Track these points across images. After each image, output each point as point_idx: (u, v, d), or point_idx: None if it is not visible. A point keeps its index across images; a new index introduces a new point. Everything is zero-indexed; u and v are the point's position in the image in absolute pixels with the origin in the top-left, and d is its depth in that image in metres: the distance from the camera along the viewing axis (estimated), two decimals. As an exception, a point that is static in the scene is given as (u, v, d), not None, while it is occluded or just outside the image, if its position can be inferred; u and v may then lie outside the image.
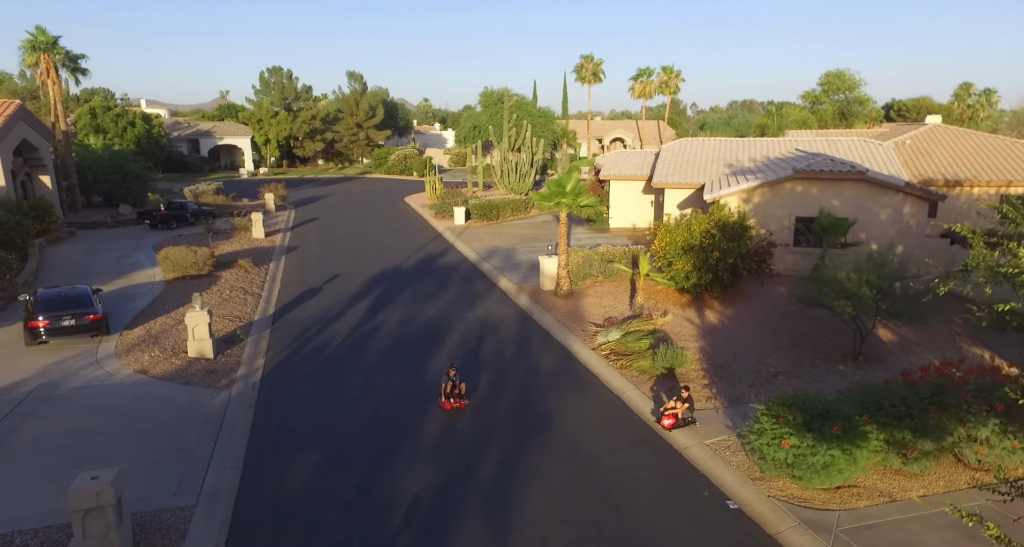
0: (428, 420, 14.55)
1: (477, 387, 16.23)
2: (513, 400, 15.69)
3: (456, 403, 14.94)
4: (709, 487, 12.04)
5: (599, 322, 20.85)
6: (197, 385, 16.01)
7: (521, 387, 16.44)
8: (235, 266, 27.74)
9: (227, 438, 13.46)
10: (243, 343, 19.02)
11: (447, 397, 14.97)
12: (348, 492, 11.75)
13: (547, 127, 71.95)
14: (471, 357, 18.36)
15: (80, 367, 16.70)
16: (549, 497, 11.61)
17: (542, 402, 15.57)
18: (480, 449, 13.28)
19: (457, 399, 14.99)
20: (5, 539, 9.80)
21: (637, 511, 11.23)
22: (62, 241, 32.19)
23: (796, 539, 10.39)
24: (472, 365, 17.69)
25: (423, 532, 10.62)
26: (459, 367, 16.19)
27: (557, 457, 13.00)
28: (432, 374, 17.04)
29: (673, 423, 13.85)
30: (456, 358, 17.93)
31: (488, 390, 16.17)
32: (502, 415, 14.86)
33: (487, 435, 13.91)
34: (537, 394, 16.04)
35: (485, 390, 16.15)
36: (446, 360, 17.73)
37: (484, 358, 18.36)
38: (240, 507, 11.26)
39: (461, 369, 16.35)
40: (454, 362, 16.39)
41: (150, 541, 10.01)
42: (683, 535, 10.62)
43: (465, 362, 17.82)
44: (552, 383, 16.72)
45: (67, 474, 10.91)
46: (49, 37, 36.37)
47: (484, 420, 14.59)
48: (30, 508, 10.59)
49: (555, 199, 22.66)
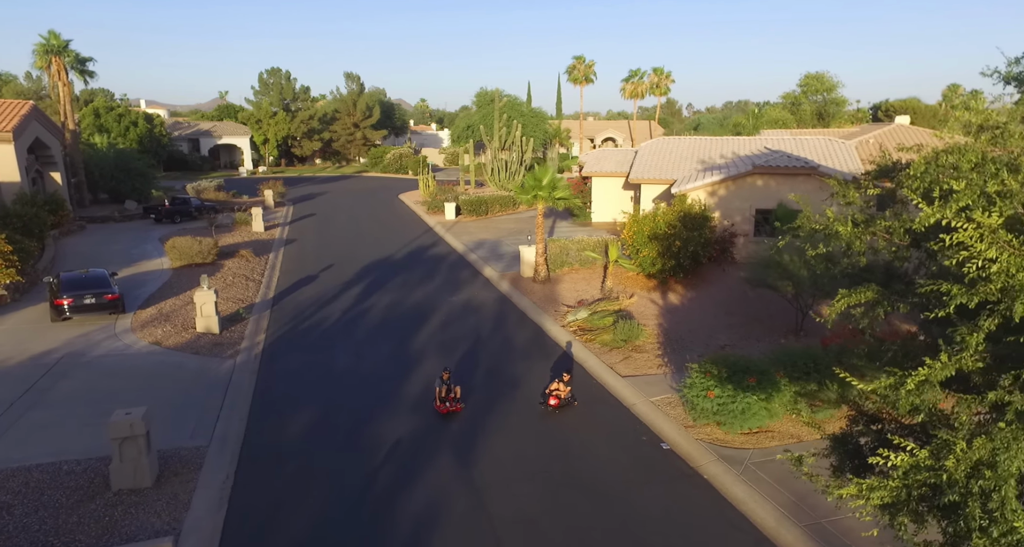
0: (410, 383, 16.53)
1: (456, 357, 18.23)
2: (487, 366, 17.70)
3: (452, 407, 14.65)
4: (648, 433, 14.05)
5: (571, 303, 22.85)
6: (205, 355, 17.99)
7: (495, 356, 18.45)
8: (237, 256, 29.71)
9: (233, 396, 15.43)
10: (245, 321, 20.99)
11: (442, 401, 14.69)
12: (339, 437, 13.73)
13: (539, 127, 73.91)
14: (452, 333, 20.37)
15: (101, 339, 18.68)
16: (510, 443, 13.60)
17: (512, 368, 17.58)
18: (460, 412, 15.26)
19: (452, 403, 14.72)
20: (55, 466, 11.78)
21: (584, 452, 13.22)
22: (73, 234, 34.14)
23: (712, 470, 12.39)
24: (453, 339, 19.69)
25: (401, 466, 12.60)
26: (449, 366, 17.52)
27: (520, 412, 14.99)
28: (416, 348, 19.04)
29: (557, 403, 14.72)
30: (438, 335, 19.93)
31: (465, 359, 18.17)
32: (477, 379, 16.84)
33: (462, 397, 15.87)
34: (508, 362, 18.05)
35: (463, 359, 18.14)
36: (430, 336, 19.74)
37: (464, 334, 20.35)
38: (246, 447, 13.24)
39: (442, 346, 18.33)
40: (448, 366, 16.05)
41: (173, 470, 11.98)
42: (621, 468, 12.61)
43: (446, 338, 19.84)
44: (523, 353, 18.73)
45: (99, 421, 12.89)
46: (61, 41, 38.35)
47: (459, 382, 16.55)
48: (71, 445, 12.56)
49: (532, 192, 24.67)
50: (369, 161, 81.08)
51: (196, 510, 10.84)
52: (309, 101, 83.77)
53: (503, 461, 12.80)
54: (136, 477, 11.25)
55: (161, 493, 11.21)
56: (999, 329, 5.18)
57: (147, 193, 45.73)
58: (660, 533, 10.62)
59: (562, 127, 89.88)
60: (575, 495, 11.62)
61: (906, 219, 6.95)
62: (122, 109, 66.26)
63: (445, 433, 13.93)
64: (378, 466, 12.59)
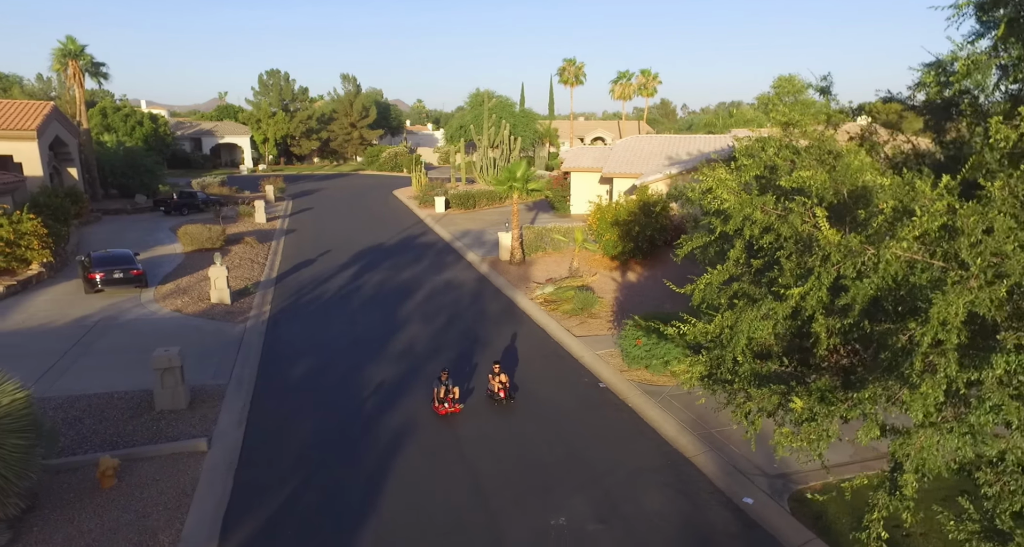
0: (395, 341, 19.51)
1: (437, 325, 21.21)
2: (462, 329, 20.68)
3: (451, 408, 14.50)
4: (590, 377, 17.05)
5: (541, 281, 25.83)
6: (220, 320, 20.94)
7: (470, 322, 21.44)
8: (242, 243, 32.65)
9: (246, 351, 18.38)
10: (253, 295, 23.94)
11: (440, 402, 14.51)
12: (333, 379, 16.70)
13: (528, 126, 76.92)
14: (435, 305, 23.35)
15: (129, 307, 21.62)
16: (475, 384, 16.58)
17: (483, 330, 20.57)
18: (430, 358, 18.23)
19: (452, 403, 14.56)
20: (108, 395, 14.73)
21: (536, 390, 16.19)
22: (91, 224, 37.06)
23: (636, 400, 15.38)
24: (435, 310, 22.68)
25: (384, 399, 15.56)
26: (432, 332, 20.95)
27: (486, 362, 17.94)
28: (402, 316, 22.02)
29: (505, 394, 15.18)
30: (422, 307, 22.91)
31: (445, 325, 21.15)
32: (452, 338, 19.82)
33: (436, 351, 18.86)
34: (481, 326, 21.04)
35: (443, 325, 21.13)
36: (415, 307, 22.72)
37: (445, 305, 23.33)
38: (258, 386, 16.20)
39: (424, 315, 21.30)
40: (447, 367, 15.66)
41: (201, 399, 14.92)
42: (564, 402, 15.57)
43: (429, 309, 22.83)
44: (494, 320, 21.73)
45: (137, 366, 15.87)
46: (78, 46, 41.25)
47: (436, 342, 19.56)
48: (119, 382, 15.50)
49: (507, 183, 27.67)
50: (365, 160, 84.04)
51: (222, 424, 13.80)
52: (307, 101, 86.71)
53: (468, 399, 15.76)
54: (174, 400, 14.21)
55: (194, 413, 14.17)
56: (747, 249, 8.18)
57: (154, 188, 48.61)
58: (586, 440, 13.61)
59: (553, 127, 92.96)
60: (524, 420, 14.60)
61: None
62: (128, 109, 69.11)
63: (421, 376, 16.89)
64: (364, 399, 15.56)
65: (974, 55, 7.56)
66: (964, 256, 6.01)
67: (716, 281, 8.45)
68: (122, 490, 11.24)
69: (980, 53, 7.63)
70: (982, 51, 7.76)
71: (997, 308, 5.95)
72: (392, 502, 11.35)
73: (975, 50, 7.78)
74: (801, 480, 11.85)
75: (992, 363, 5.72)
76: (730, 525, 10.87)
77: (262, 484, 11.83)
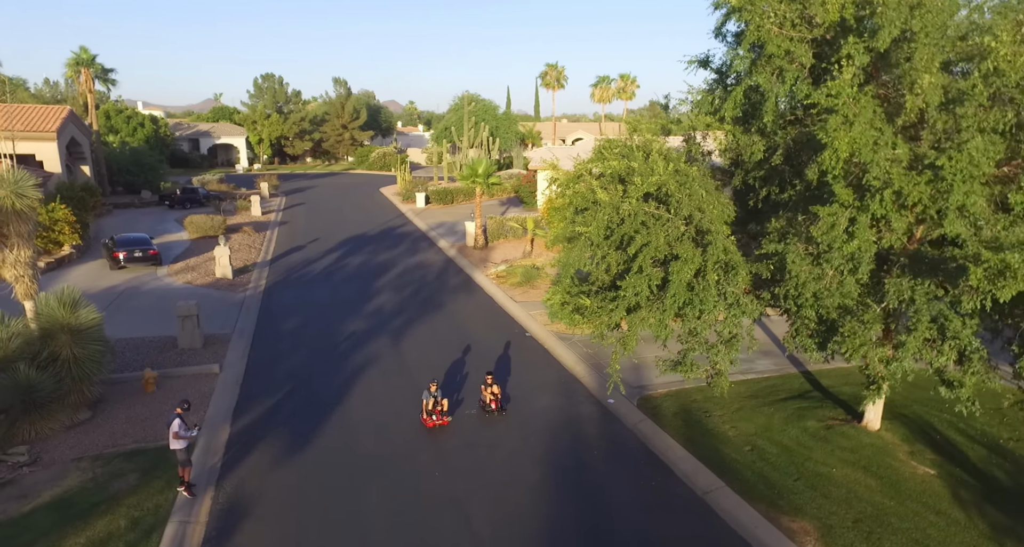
0: (367, 305, 23.89)
1: (405, 295, 25.61)
2: (426, 298, 25.09)
3: (439, 420, 14.27)
4: (520, 329, 21.49)
5: (498, 262, 30.26)
6: (224, 290, 25.28)
7: (432, 293, 25.85)
8: (241, 232, 36.95)
9: (246, 311, 22.73)
10: (251, 272, 28.28)
11: (428, 414, 14.29)
12: (318, 329, 21.07)
13: (510, 129, 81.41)
14: (405, 280, 27.75)
15: (148, 280, 25.96)
16: (428, 331, 20.99)
17: (444, 300, 24.98)
18: (396, 315, 22.63)
19: (440, 416, 14.32)
20: (141, 339, 19.07)
21: (476, 338, 20.60)
22: (104, 215, 41.28)
23: (551, 343, 19.81)
24: (405, 283, 27.10)
25: (354, 342, 19.93)
26: (399, 300, 25.39)
27: (443, 319, 22.37)
28: (376, 287, 26.40)
29: (497, 405, 15.06)
30: (394, 281, 27.30)
31: (412, 295, 25.54)
32: (416, 303, 24.22)
33: (403, 312, 23.25)
34: (441, 296, 25.45)
35: (409, 294, 25.52)
36: (388, 281, 27.10)
37: (414, 280, 27.74)
38: (256, 334, 20.55)
39: (396, 288, 25.66)
40: (436, 378, 15.20)
41: (212, 342, 19.24)
42: (494, 345, 19.99)
43: (400, 283, 27.23)
44: (452, 291, 26.16)
45: (161, 320, 20.23)
46: (90, 55, 45.48)
47: (402, 306, 23.95)
48: (147, 331, 19.82)
49: (471, 178, 32.08)
50: (356, 159, 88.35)
51: (229, 357, 18.16)
52: (300, 104, 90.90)
53: (422, 341, 20.17)
54: (192, 341, 18.56)
55: (207, 350, 18.53)
56: (576, 212, 12.61)
57: (157, 185, 52.77)
58: (505, 365, 18.02)
59: (536, 129, 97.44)
60: (459, 357, 19.01)
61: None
62: (130, 112, 73.23)
63: (387, 328, 21.27)
64: (339, 342, 19.96)
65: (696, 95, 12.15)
66: (672, 205, 10.49)
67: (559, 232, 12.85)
68: (160, 394, 15.61)
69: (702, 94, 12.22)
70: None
71: (677, 242, 10.44)
72: (354, 401, 15.74)
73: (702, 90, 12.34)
74: (650, 390, 16.29)
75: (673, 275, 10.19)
76: (594, 414, 15.32)
77: (259, 393, 16.20)
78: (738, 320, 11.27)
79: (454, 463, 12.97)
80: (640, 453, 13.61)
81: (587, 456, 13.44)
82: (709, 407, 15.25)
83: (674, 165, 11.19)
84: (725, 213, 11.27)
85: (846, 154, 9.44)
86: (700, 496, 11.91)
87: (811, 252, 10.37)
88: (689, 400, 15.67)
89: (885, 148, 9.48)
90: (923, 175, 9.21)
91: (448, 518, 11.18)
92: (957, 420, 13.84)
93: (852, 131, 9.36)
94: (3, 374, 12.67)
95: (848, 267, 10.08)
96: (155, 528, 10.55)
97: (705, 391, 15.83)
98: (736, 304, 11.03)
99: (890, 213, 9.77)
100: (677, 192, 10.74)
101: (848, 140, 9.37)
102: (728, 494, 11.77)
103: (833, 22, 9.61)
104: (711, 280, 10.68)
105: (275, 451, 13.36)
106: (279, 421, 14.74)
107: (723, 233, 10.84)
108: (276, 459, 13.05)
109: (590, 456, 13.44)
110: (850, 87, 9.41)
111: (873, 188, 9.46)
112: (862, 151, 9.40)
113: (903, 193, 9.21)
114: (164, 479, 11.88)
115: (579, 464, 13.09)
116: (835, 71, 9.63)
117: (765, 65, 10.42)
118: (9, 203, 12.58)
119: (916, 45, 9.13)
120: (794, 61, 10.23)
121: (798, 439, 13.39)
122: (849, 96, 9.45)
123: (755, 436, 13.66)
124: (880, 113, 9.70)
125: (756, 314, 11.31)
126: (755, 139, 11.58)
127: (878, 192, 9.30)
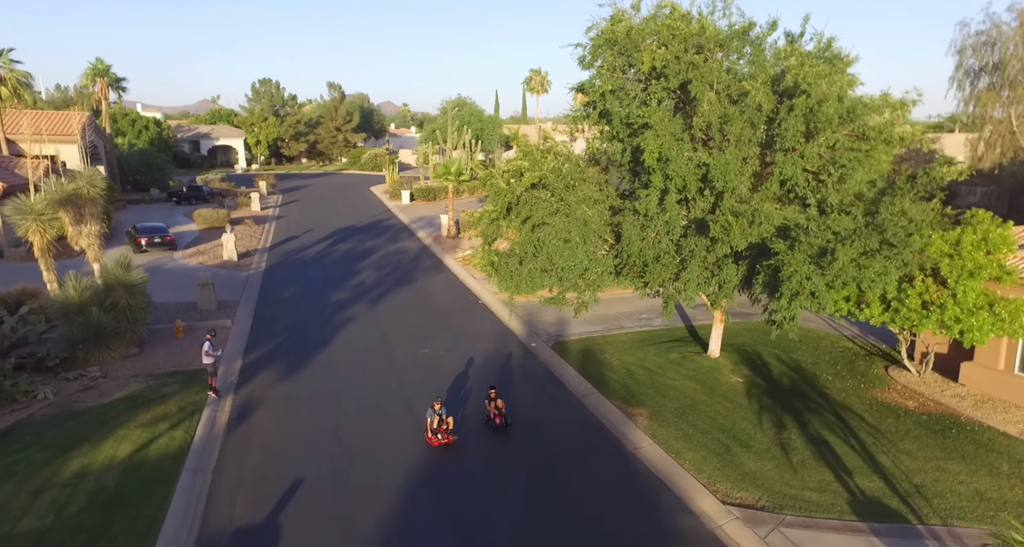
0: (351, 280, 28.75)
1: (383, 273, 30.47)
2: (401, 277, 29.97)
3: (444, 439, 13.97)
4: (474, 297, 26.38)
5: (467, 249, 35.12)
6: (231, 269, 30.10)
7: (407, 272, 30.73)
8: (242, 224, 41.77)
9: (250, 285, 27.56)
10: (253, 256, 33.10)
11: (434, 433, 13.98)
12: (310, 296, 25.93)
13: (495, 131, 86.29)
14: (385, 262, 32.61)
15: (167, 261, 30.79)
16: (400, 297, 25.86)
17: (416, 277, 29.86)
18: (376, 289, 27.48)
19: (445, 435, 14.03)
20: (167, 303, 23.85)
21: (436, 303, 25.46)
22: (120, 210, 45.99)
23: (496, 307, 24.67)
24: (384, 265, 31.97)
25: (342, 307, 24.78)
26: (377, 279, 30.24)
27: (414, 292, 27.22)
28: (359, 267, 31.25)
29: (500, 421, 14.82)
30: (375, 263, 32.17)
31: (389, 273, 30.41)
32: (392, 279, 29.08)
33: (381, 285, 28.11)
34: (414, 274, 30.33)
35: (388, 273, 30.38)
36: (370, 263, 31.98)
37: (392, 262, 32.62)
38: (259, 300, 25.40)
39: (376, 268, 30.51)
40: (440, 396, 14.84)
41: (224, 306, 24.05)
42: (449, 308, 24.84)
43: (380, 265, 32.10)
44: (423, 270, 31.05)
45: (180, 290, 25.04)
46: (105, 65, 50.23)
47: (381, 282, 28.80)
48: (171, 298, 24.61)
49: (444, 176, 36.95)
50: (349, 160, 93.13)
51: (239, 315, 23.00)
52: (296, 107, 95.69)
53: (394, 303, 25.05)
54: (208, 303, 23.38)
55: (221, 311, 23.36)
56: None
57: (166, 184, 57.52)
58: (458, 323, 22.89)
59: (523, 133, 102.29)
60: (422, 316, 23.87)
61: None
62: (135, 115, 77.89)
63: (366, 296, 26.12)
64: (326, 306, 24.82)
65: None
66: (550, 190, 15.39)
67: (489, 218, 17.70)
68: (188, 339, 20.44)
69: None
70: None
71: (581, 229, 15.33)
72: (338, 344, 20.58)
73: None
74: (565, 338, 21.17)
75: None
76: (519, 353, 20.21)
77: (263, 338, 21.04)
78: (598, 269, 16.14)
79: (407, 376, 17.83)
80: (545, 376, 18.49)
81: (507, 377, 18.30)
82: (605, 348, 20.15)
83: (554, 162, 16.09)
84: (591, 196, 16.14)
85: (656, 154, 14.35)
86: (579, 398, 16.81)
87: (642, 223, 15.28)
88: (592, 344, 20.58)
89: (683, 151, 14.40)
90: (700, 170, 14.14)
91: (390, 396, 16.05)
92: (779, 351, 18.80)
93: (660, 140, 14.27)
94: (81, 315, 17.48)
95: (665, 231, 14.99)
96: (195, 412, 15.39)
97: (608, 337, 20.84)
98: (595, 259, 15.91)
99: (694, 194, 14.71)
100: (554, 182, 15.63)
101: (657, 145, 14.28)
102: (599, 397, 16.65)
103: (646, 70, 14.53)
104: (576, 241, 15.57)
105: (276, 374, 18.21)
106: (279, 356, 19.58)
107: (585, 210, 15.71)
108: (277, 378, 17.91)
109: (509, 377, 18.31)
110: (658, 112, 14.32)
111: (672, 178, 14.38)
112: (667, 153, 14.31)
113: (687, 182, 14.16)
114: (197, 388, 16.71)
115: (501, 383, 17.93)
116: (651, 101, 14.56)
117: (609, 95, 15.33)
118: (85, 191, 17.39)
119: (693, 87, 14.07)
120: (628, 93, 15.15)
121: (660, 365, 18.30)
122: (660, 118, 14.36)
123: (631, 364, 18.55)
124: (682, 127, 14.62)
125: (610, 266, 16.19)
126: (614, 144, 16.47)
127: (671, 180, 14.23)
